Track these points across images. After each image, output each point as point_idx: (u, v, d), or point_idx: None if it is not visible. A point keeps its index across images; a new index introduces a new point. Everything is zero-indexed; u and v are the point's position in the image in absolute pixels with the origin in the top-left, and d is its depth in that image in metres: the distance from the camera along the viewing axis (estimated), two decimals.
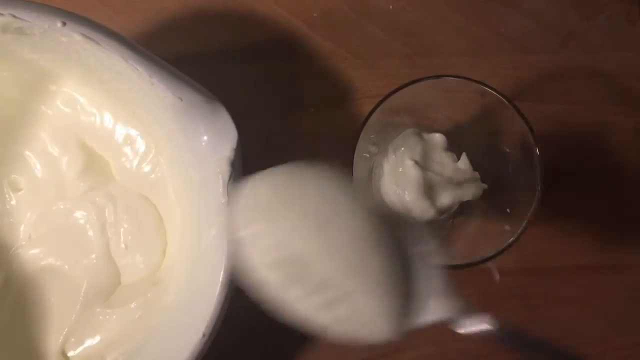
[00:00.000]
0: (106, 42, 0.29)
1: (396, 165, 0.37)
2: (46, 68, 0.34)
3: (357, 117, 0.41)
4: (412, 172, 0.35)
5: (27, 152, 0.37)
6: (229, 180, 0.30)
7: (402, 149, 0.36)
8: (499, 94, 0.32)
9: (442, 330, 0.39)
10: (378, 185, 0.38)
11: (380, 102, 0.33)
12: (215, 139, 0.30)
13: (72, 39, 0.29)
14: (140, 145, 0.37)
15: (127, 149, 0.37)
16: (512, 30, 0.41)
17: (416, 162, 0.35)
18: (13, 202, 0.38)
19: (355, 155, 0.33)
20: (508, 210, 0.34)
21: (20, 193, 0.38)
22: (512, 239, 0.32)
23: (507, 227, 0.34)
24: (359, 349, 0.39)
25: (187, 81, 0.30)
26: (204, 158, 0.30)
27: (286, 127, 0.41)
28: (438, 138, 0.36)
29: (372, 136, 0.36)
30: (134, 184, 0.37)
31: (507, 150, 0.35)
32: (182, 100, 0.29)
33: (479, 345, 0.39)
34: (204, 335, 0.29)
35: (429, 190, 0.36)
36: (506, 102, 0.32)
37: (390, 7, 0.41)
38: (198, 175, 0.31)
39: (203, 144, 0.30)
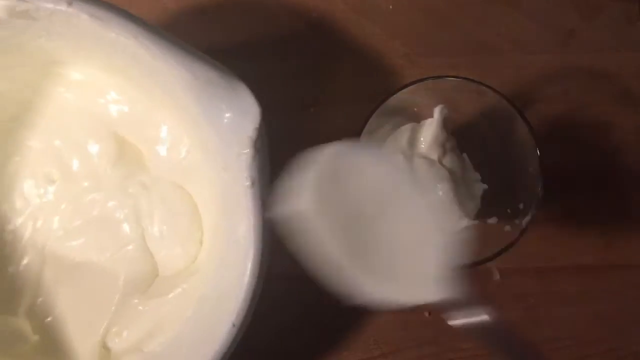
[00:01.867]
0: (115, 21, 0.28)
1: None
2: (69, 57, 0.34)
3: (357, 117, 0.40)
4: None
5: (59, 144, 0.37)
6: (253, 162, 0.28)
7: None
8: (499, 94, 0.32)
9: (442, 330, 0.39)
10: None
11: (381, 102, 0.33)
12: (237, 118, 0.28)
13: (81, 21, 0.28)
14: (171, 132, 0.36)
15: (158, 137, 0.36)
16: (512, 30, 0.41)
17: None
18: (48, 195, 0.37)
19: None
20: (508, 210, 0.34)
21: (54, 186, 0.37)
22: (512, 239, 0.32)
23: (507, 228, 0.34)
24: (359, 349, 0.39)
25: (203, 57, 0.29)
26: (227, 139, 0.28)
27: (286, 127, 0.41)
28: (430, 119, 0.36)
29: (372, 137, 0.36)
30: (167, 172, 0.36)
31: (507, 150, 0.35)
32: (197, 78, 0.28)
33: (478, 345, 0.39)
34: (233, 325, 0.29)
35: None
36: (506, 102, 0.32)
37: (390, 7, 0.41)
38: (222, 159, 0.29)
39: (225, 123, 0.28)
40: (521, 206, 0.33)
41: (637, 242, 0.40)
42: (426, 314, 0.39)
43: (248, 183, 0.28)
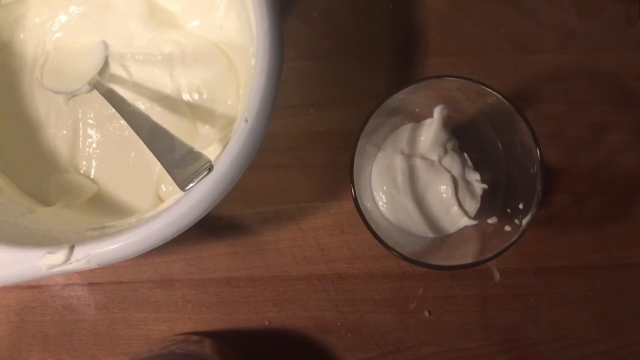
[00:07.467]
0: None
1: (383, 166, 0.37)
2: None
3: (357, 117, 0.40)
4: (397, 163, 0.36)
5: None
6: None
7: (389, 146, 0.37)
8: (499, 94, 0.32)
9: (442, 330, 0.39)
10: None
11: (381, 102, 0.33)
12: None
13: None
14: None
15: None
16: (512, 30, 0.41)
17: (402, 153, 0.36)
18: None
19: (355, 156, 0.33)
20: (508, 210, 0.34)
21: None
22: (512, 239, 0.32)
23: (507, 228, 0.34)
24: (359, 349, 0.39)
25: None
26: None
27: (286, 127, 0.41)
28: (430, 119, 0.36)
29: (372, 137, 0.36)
30: (201, 29, 0.37)
31: (508, 150, 0.35)
32: None
33: (478, 345, 0.39)
34: (246, 121, 0.29)
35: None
36: (506, 102, 0.32)
37: (390, 7, 0.41)
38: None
39: None
40: (521, 206, 0.33)
41: (637, 242, 0.40)
42: (426, 313, 0.39)
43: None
